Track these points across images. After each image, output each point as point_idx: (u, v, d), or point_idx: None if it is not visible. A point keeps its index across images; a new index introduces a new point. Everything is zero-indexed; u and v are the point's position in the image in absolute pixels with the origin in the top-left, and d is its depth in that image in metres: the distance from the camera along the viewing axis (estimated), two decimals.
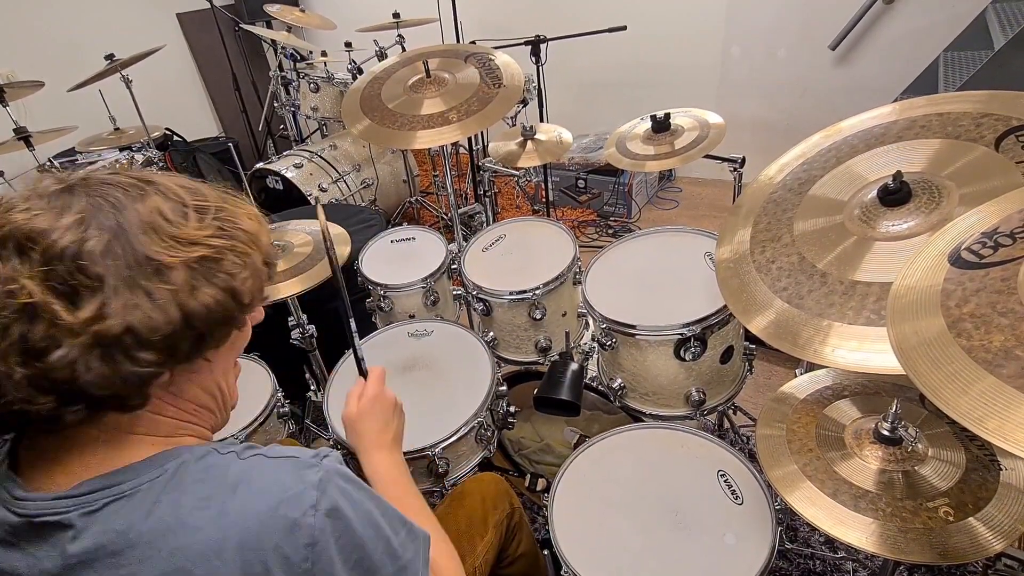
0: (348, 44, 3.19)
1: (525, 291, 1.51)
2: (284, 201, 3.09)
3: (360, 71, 3.15)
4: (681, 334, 1.27)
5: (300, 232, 1.61)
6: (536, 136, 1.86)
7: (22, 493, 0.55)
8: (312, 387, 1.83)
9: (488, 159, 2.04)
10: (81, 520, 0.53)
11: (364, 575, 0.59)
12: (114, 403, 0.55)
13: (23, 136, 2.27)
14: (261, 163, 3.22)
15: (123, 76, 2.62)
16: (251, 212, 0.65)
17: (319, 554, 0.55)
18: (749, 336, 1.45)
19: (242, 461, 0.58)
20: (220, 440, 0.66)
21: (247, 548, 0.53)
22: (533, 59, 2.57)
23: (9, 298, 0.49)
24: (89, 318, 0.50)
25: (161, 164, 2.82)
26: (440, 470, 1.24)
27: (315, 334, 1.74)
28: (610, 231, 3.28)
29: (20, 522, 0.53)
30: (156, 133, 2.93)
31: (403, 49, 3.27)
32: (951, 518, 0.86)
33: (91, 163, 2.74)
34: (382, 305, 1.74)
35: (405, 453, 1.15)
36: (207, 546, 0.52)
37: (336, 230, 1.61)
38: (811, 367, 1.29)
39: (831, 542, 1.53)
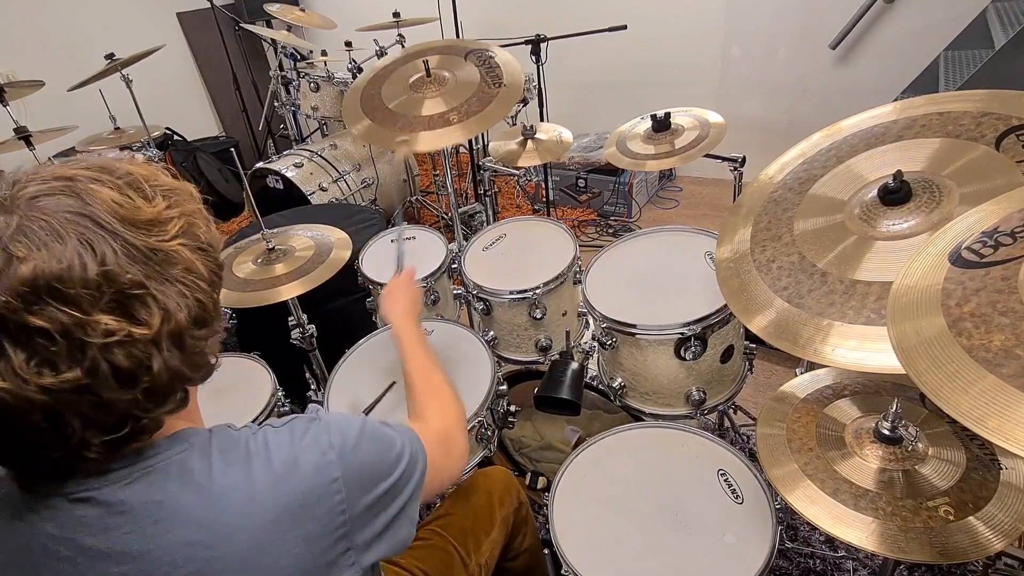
0: (348, 43, 3.19)
1: (525, 290, 1.51)
2: (284, 201, 3.09)
3: (360, 70, 3.15)
4: (681, 333, 1.27)
5: (302, 236, 1.61)
6: (536, 135, 1.86)
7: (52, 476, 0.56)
8: (312, 387, 1.83)
9: (488, 158, 2.04)
10: (116, 494, 0.55)
11: (386, 487, 0.67)
12: (200, 377, 0.61)
13: (23, 136, 2.27)
14: (261, 162, 3.21)
15: (123, 75, 2.62)
16: (154, 166, 0.63)
17: (347, 484, 0.62)
18: (749, 335, 1.45)
19: (255, 434, 0.63)
20: None
21: (283, 498, 0.58)
22: (533, 58, 2.57)
23: (87, 338, 0.49)
24: (160, 324, 0.53)
25: (161, 164, 2.82)
26: None
27: (315, 334, 1.74)
28: (610, 230, 3.28)
29: (57, 501, 0.55)
30: (156, 132, 2.93)
31: (403, 48, 3.27)
32: (951, 517, 0.86)
33: None
34: None
35: None
36: (244, 505, 0.56)
37: (337, 234, 1.62)
38: (811, 366, 1.29)
39: (831, 541, 1.53)
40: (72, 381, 0.49)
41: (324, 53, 3.46)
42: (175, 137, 3.83)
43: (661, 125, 1.58)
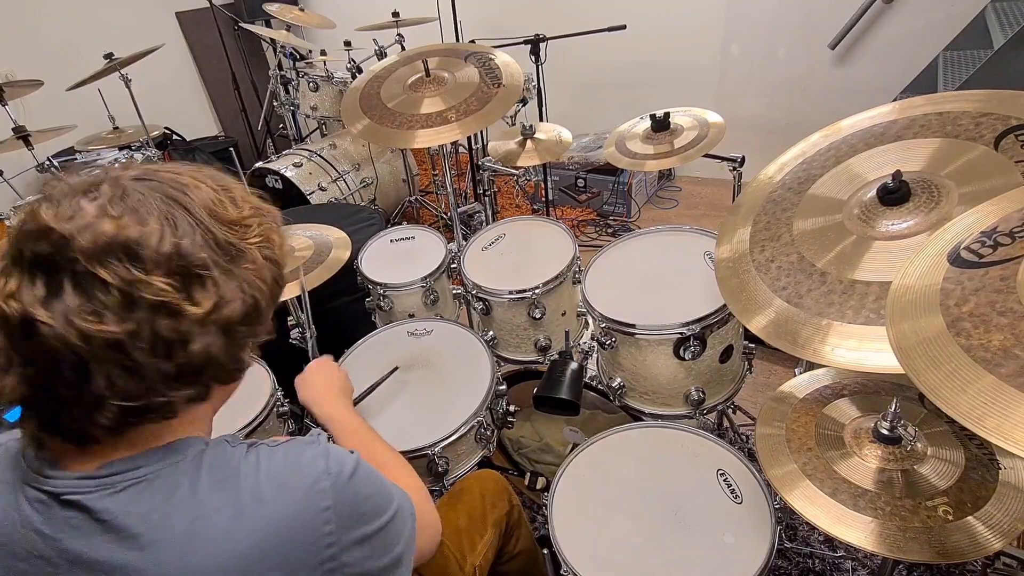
0: (347, 43, 3.19)
1: (524, 290, 1.51)
2: (283, 200, 3.09)
3: (360, 70, 3.14)
4: (680, 333, 1.27)
5: (301, 236, 1.61)
6: (536, 135, 1.86)
7: (50, 471, 0.56)
8: None
9: (488, 158, 2.04)
10: (102, 502, 0.55)
11: (380, 524, 0.65)
12: (226, 375, 0.61)
13: (22, 135, 2.27)
14: (260, 162, 3.21)
15: (122, 75, 2.62)
16: (247, 188, 0.67)
17: (339, 514, 0.60)
18: (748, 335, 1.45)
19: (251, 449, 0.62)
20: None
21: (267, 523, 0.56)
22: (533, 58, 2.57)
23: (140, 295, 0.51)
24: (211, 308, 0.55)
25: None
26: (439, 469, 1.24)
27: (315, 334, 1.74)
28: (609, 230, 3.28)
29: (48, 500, 0.55)
30: (155, 132, 2.93)
31: (402, 48, 3.27)
32: (950, 517, 0.86)
33: (90, 162, 2.74)
34: (382, 304, 1.74)
35: (404, 452, 1.16)
36: (225, 527, 0.55)
37: (336, 233, 1.61)
38: (810, 366, 1.29)
39: (830, 541, 1.53)
40: (112, 335, 0.51)
41: (323, 53, 3.45)
42: (174, 137, 3.83)
43: (660, 125, 1.58)
